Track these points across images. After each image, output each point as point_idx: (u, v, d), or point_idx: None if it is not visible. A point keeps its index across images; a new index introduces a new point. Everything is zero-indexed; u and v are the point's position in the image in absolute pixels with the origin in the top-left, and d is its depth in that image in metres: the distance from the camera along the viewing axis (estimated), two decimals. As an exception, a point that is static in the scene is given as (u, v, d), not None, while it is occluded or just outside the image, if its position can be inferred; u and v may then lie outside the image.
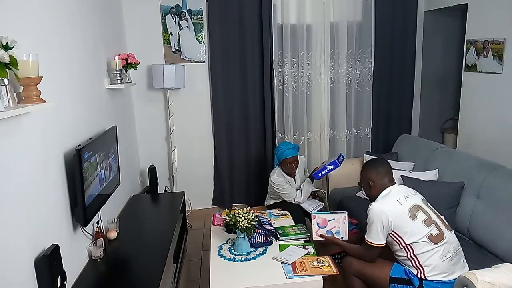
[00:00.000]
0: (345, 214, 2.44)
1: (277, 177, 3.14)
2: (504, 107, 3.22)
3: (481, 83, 3.46)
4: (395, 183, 2.19)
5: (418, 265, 2.01)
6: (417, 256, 2.00)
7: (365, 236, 2.11)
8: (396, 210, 2.03)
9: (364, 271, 2.16)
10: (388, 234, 2.04)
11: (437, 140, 3.82)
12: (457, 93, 3.94)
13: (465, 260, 2.09)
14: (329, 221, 2.44)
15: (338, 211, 2.49)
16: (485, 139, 3.44)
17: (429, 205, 2.14)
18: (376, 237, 2.04)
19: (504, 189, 2.39)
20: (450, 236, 2.05)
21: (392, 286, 2.07)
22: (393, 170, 3.15)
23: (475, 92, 3.55)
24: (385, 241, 2.06)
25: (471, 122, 3.63)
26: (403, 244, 2.02)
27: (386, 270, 2.09)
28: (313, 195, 3.30)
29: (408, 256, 2.03)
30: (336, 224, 2.42)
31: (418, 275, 2.00)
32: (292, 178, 3.21)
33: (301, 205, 3.15)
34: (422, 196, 2.18)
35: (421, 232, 1.99)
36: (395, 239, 2.04)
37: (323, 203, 3.26)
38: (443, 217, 2.13)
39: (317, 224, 2.43)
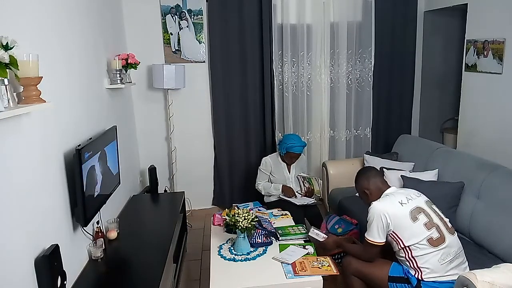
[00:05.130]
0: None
1: (269, 159, 3.39)
2: (504, 107, 3.22)
3: (481, 83, 3.46)
4: (390, 186, 2.20)
5: (416, 266, 2.01)
6: (415, 258, 2.01)
7: (365, 234, 2.12)
8: (396, 212, 2.03)
9: (363, 270, 2.17)
10: (388, 234, 2.05)
11: (437, 140, 3.82)
12: (457, 93, 3.94)
13: (467, 263, 2.07)
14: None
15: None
16: (485, 139, 3.44)
17: (434, 207, 2.12)
18: (375, 235, 2.05)
19: (504, 189, 2.39)
20: (452, 240, 2.03)
21: (390, 285, 2.07)
22: (393, 170, 3.15)
23: (475, 92, 3.55)
24: (384, 240, 2.06)
25: (471, 122, 3.63)
26: (402, 246, 2.03)
27: (385, 269, 2.11)
28: (310, 192, 3.27)
29: (407, 257, 2.04)
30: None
31: (416, 276, 2.01)
32: (286, 164, 3.39)
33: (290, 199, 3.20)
34: (426, 198, 2.16)
35: (420, 235, 1.99)
36: (394, 239, 2.05)
37: (313, 199, 3.24)
38: (447, 220, 2.11)
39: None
